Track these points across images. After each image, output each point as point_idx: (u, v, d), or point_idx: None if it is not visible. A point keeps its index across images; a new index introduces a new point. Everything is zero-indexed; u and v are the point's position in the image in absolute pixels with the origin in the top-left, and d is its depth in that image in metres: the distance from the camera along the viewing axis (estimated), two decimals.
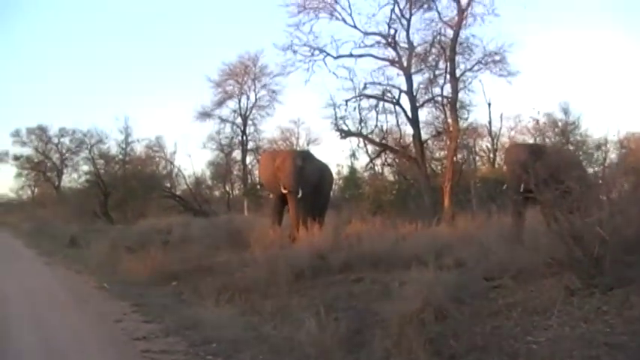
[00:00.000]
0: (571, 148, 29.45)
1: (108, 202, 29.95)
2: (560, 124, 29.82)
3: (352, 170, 28.93)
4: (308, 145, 37.77)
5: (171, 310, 8.54)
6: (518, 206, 11.94)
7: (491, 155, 29.19)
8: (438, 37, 21.83)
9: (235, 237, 14.16)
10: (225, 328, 6.98)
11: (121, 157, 35.61)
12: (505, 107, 43.36)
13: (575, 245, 6.79)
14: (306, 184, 14.54)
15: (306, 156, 15.87)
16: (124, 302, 9.55)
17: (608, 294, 6.27)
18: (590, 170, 27.70)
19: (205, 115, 34.34)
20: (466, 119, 23.77)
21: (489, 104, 23.16)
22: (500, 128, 27.30)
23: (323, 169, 16.32)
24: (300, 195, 14.37)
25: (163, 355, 6.27)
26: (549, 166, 10.60)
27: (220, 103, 34.58)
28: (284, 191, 14.49)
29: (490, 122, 24.97)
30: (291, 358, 5.85)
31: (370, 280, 8.94)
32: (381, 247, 10.74)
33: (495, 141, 28.89)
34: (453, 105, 20.76)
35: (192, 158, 57.85)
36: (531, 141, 29.05)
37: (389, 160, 26.13)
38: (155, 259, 12.20)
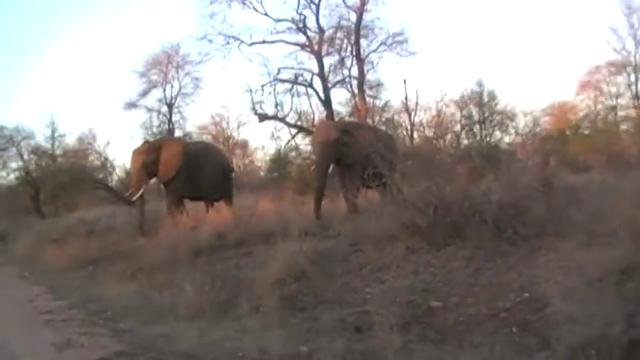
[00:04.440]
0: (497, 118, 31.13)
1: (39, 197, 29.93)
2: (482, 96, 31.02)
3: (277, 151, 29.88)
4: (238, 128, 38.13)
5: (81, 290, 9.55)
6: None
7: (409, 130, 30.29)
8: (343, 22, 23.11)
9: (154, 224, 14.71)
10: (121, 299, 8.05)
11: (50, 152, 35.31)
12: (424, 84, 44.93)
13: (416, 212, 8.05)
14: (164, 173, 14.99)
15: (154, 147, 15.42)
16: (39, 286, 10.53)
17: (442, 250, 7.51)
18: (507, 139, 29.77)
19: (131, 105, 34.09)
20: (374, 97, 24.98)
21: (405, 81, 24.50)
22: (417, 104, 28.37)
23: (198, 153, 15.60)
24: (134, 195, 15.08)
25: (64, 323, 7.32)
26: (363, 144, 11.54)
27: (145, 93, 34.33)
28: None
29: (406, 98, 26.24)
30: (169, 318, 6.94)
31: (258, 253, 9.78)
32: (278, 223, 11.46)
33: (414, 116, 29.98)
34: (360, 85, 22.05)
35: (122, 148, 57.30)
36: (458, 114, 30.49)
37: None
38: (75, 247, 12.99)
